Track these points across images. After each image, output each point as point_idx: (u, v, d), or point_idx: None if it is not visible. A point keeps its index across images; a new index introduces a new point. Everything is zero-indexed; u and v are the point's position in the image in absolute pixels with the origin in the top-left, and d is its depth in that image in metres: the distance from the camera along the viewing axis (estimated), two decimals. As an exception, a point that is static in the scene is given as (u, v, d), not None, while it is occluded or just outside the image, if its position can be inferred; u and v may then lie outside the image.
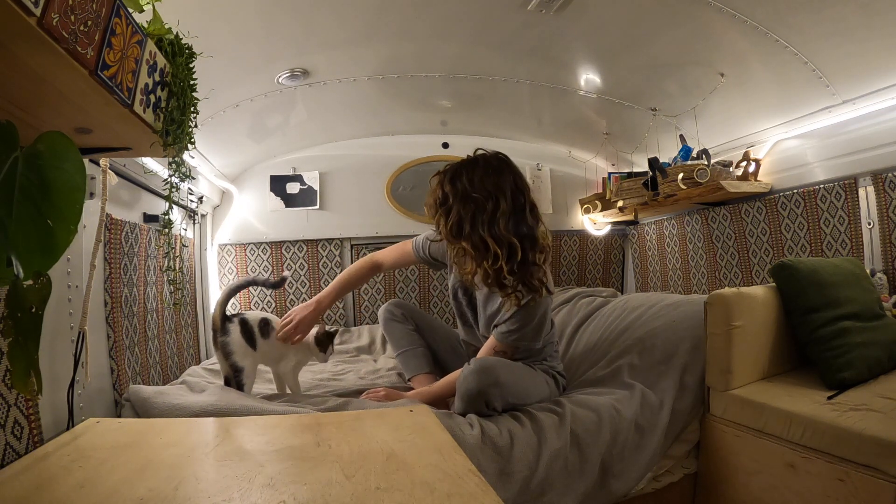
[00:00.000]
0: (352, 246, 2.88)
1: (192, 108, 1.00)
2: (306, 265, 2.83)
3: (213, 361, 2.06)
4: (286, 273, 1.68)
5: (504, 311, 1.45)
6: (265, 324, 1.52)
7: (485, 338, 1.55)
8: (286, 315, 1.59)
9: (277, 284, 1.62)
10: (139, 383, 1.54)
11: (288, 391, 1.58)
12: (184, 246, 2.18)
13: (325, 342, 1.57)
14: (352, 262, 2.85)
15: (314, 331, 1.58)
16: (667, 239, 2.86)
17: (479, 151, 1.45)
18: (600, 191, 3.01)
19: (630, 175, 2.67)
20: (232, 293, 1.58)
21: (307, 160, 2.86)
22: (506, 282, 1.36)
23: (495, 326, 1.49)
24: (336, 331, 1.67)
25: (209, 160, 2.37)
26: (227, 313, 1.48)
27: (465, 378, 1.33)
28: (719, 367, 1.40)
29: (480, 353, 1.51)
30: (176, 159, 1.05)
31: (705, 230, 2.54)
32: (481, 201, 1.35)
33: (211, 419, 1.19)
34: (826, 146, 1.92)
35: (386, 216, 2.90)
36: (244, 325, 1.47)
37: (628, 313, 1.88)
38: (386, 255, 1.77)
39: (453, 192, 1.38)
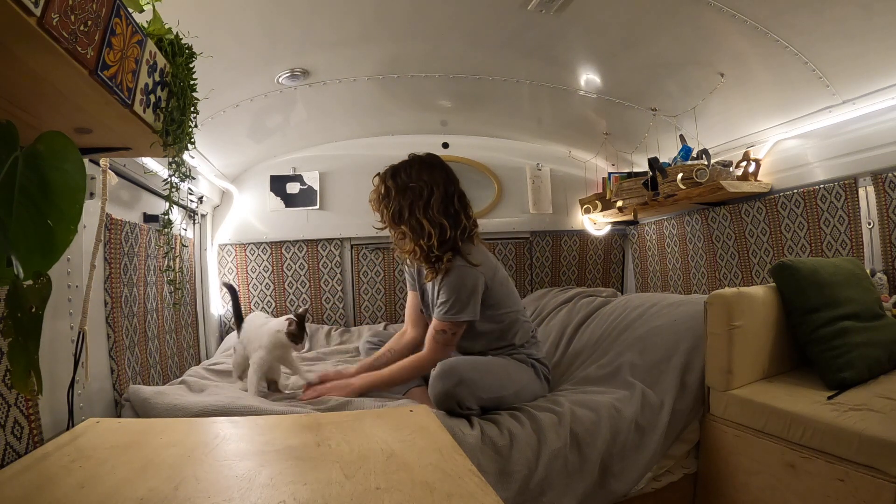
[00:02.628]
0: (352, 246, 2.88)
1: (192, 108, 1.00)
2: (306, 265, 2.83)
3: (214, 361, 2.06)
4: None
5: (435, 291, 1.55)
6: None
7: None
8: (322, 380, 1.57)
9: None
10: (139, 383, 1.54)
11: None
12: (184, 246, 2.18)
13: (297, 334, 1.51)
14: (351, 262, 2.87)
15: (285, 326, 1.52)
16: (667, 239, 2.86)
17: (412, 154, 1.65)
18: (600, 191, 3.01)
19: (630, 175, 2.67)
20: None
21: (307, 160, 2.86)
22: (437, 256, 1.53)
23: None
24: (304, 311, 1.57)
25: (209, 160, 2.37)
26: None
27: (431, 384, 1.35)
28: (719, 367, 1.40)
29: (426, 341, 1.56)
30: (176, 159, 1.05)
31: (705, 230, 2.54)
32: (418, 190, 1.56)
33: (211, 419, 1.19)
34: (826, 146, 1.92)
35: (386, 216, 2.89)
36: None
37: (629, 313, 1.89)
38: (406, 319, 1.80)
39: (394, 186, 1.59)
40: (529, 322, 1.69)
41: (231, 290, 1.86)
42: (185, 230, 2.27)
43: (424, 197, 1.55)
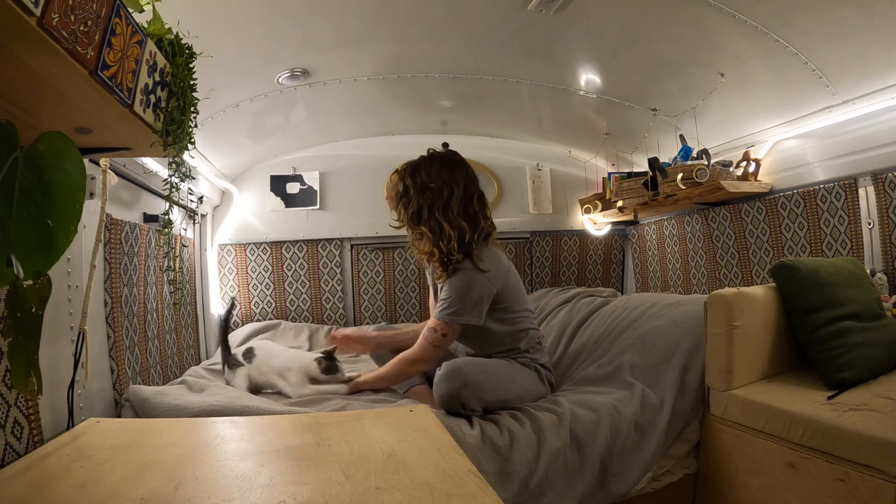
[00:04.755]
0: (352, 246, 2.88)
1: (192, 108, 1.00)
2: (306, 265, 2.83)
3: (214, 361, 2.06)
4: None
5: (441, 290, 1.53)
6: (248, 351, 1.69)
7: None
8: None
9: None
10: (139, 383, 1.54)
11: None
12: (184, 246, 2.18)
13: (329, 367, 1.63)
14: (351, 262, 2.87)
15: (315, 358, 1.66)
16: (667, 239, 2.86)
17: (431, 150, 1.61)
18: (600, 191, 3.01)
19: (630, 175, 2.67)
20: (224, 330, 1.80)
21: (307, 160, 2.86)
22: (451, 258, 1.49)
23: None
24: (334, 348, 1.69)
25: (209, 160, 2.37)
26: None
27: (436, 384, 1.35)
28: (719, 367, 1.40)
29: (419, 338, 1.54)
30: (176, 159, 1.05)
31: (705, 230, 2.54)
32: (438, 190, 1.51)
33: (211, 419, 1.19)
34: (826, 146, 1.92)
35: (386, 216, 2.86)
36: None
37: (629, 312, 1.89)
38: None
39: (413, 185, 1.54)
40: (537, 329, 1.67)
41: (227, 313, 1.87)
42: (185, 230, 2.27)
43: (444, 197, 1.50)
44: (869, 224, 1.80)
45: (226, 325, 1.82)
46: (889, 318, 1.48)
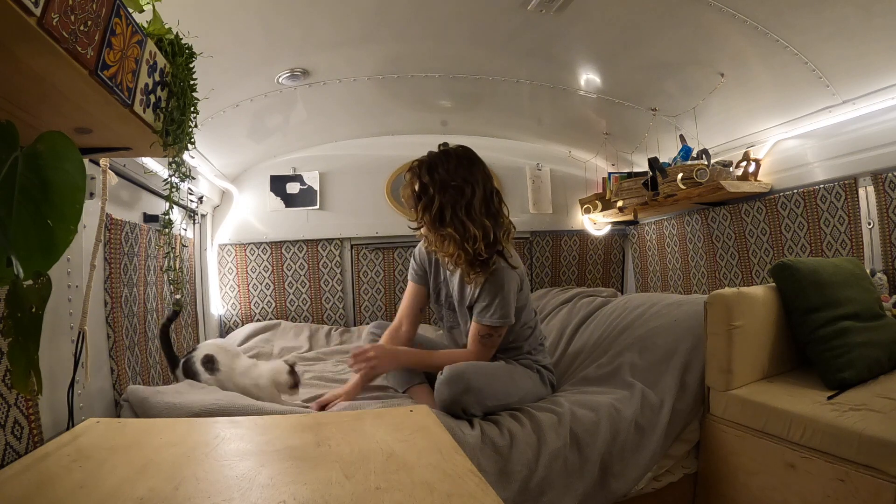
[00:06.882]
0: (352, 246, 2.88)
1: (192, 108, 1.00)
2: (306, 265, 2.83)
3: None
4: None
5: (474, 292, 1.49)
6: (208, 360, 1.56)
7: (468, 332, 1.55)
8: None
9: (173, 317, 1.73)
10: (139, 383, 1.54)
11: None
12: (184, 246, 2.17)
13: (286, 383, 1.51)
14: (351, 262, 2.87)
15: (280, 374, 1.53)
16: (667, 239, 2.86)
17: (442, 146, 1.53)
18: (600, 191, 3.01)
19: (630, 175, 2.67)
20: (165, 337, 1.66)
21: (307, 160, 2.86)
22: (481, 259, 1.44)
23: (470, 309, 1.51)
24: (293, 364, 1.56)
25: (209, 160, 2.37)
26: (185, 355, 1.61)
27: (438, 389, 1.34)
28: (719, 366, 1.40)
29: (469, 343, 1.51)
30: (176, 159, 1.05)
31: (705, 230, 2.54)
32: (459, 189, 1.44)
33: (211, 419, 1.19)
34: (826, 146, 1.92)
35: (386, 216, 2.89)
36: (186, 364, 1.58)
37: (629, 312, 1.89)
38: (401, 313, 1.67)
39: (432, 182, 1.45)
40: (540, 330, 1.67)
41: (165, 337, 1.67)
42: (185, 230, 2.27)
43: (467, 196, 1.43)
44: (869, 224, 1.80)
45: (168, 327, 1.67)
46: (889, 318, 1.48)
